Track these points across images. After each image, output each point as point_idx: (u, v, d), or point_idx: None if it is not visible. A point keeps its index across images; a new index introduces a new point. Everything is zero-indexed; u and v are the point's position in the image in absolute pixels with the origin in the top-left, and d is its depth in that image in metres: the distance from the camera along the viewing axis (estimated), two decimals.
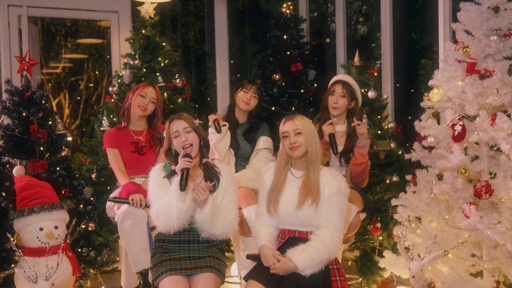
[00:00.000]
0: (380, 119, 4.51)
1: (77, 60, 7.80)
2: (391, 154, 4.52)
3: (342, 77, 4.03)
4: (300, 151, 3.17)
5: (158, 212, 3.04)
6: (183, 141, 3.20)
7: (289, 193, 3.17)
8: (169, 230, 3.06)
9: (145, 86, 3.97)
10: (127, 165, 3.95)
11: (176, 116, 3.27)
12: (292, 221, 3.17)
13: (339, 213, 3.09)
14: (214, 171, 3.26)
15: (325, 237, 3.04)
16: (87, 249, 4.12)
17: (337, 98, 3.94)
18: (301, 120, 3.20)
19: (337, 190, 3.11)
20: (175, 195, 3.02)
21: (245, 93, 4.07)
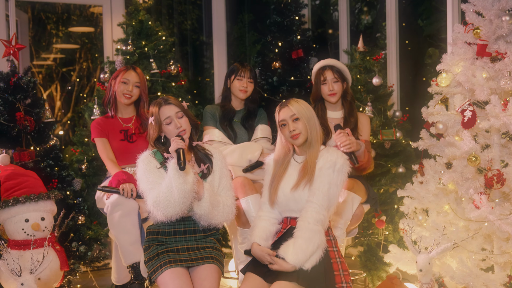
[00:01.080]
0: (385, 107, 4.47)
1: (69, 51, 7.76)
2: (397, 144, 4.46)
3: (326, 62, 3.93)
4: (301, 139, 3.12)
5: (157, 200, 2.97)
6: (177, 127, 3.13)
7: (290, 178, 3.14)
8: (171, 217, 3.00)
9: (125, 71, 3.91)
10: (117, 154, 3.91)
11: (163, 101, 3.18)
12: (292, 206, 3.11)
13: (328, 189, 2.99)
14: (205, 154, 3.22)
15: (308, 217, 2.96)
16: (77, 244, 4.05)
17: (332, 85, 3.86)
18: (296, 105, 3.14)
19: (330, 164, 3.02)
20: (175, 177, 2.94)
21: (239, 80, 4.01)
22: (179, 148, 2.96)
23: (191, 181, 2.96)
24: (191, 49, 7.30)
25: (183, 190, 2.93)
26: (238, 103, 4.12)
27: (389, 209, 4.37)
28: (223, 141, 3.94)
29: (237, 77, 4.01)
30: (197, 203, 3.06)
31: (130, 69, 3.93)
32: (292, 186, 3.07)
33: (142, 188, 3.10)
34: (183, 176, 2.94)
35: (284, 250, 2.96)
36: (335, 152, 3.09)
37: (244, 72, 4.02)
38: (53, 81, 7.77)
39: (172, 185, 2.94)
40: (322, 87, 3.90)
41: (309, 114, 3.14)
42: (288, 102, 3.15)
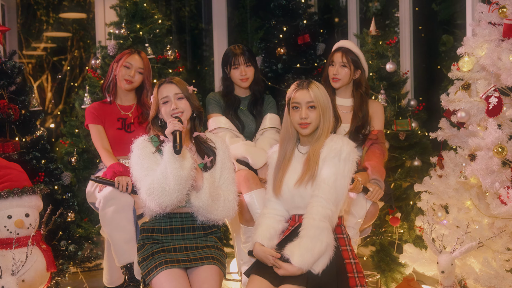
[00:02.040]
0: (399, 96, 4.33)
1: (60, 39, 7.73)
2: (412, 135, 4.34)
3: (342, 43, 3.79)
4: (309, 130, 2.96)
5: (151, 187, 2.83)
6: (172, 108, 3.01)
7: (294, 172, 2.98)
8: (165, 207, 2.87)
9: (129, 54, 3.79)
10: (112, 144, 3.79)
11: (166, 80, 3.08)
12: (298, 202, 2.96)
13: (334, 181, 2.83)
14: (208, 146, 3.10)
15: (314, 213, 2.81)
16: (66, 242, 3.91)
17: (337, 69, 3.72)
18: (316, 91, 2.95)
19: (336, 153, 2.86)
20: (170, 161, 2.81)
21: (236, 69, 3.84)
22: (176, 130, 2.83)
23: (189, 167, 2.84)
24: (189, 37, 7.30)
25: (179, 176, 2.80)
26: (242, 91, 3.97)
27: (403, 205, 4.26)
28: (231, 128, 3.81)
29: (233, 66, 3.85)
30: (195, 194, 2.93)
31: (134, 53, 3.81)
32: (296, 181, 2.93)
33: (136, 175, 2.96)
34: (179, 161, 2.81)
35: (289, 251, 2.81)
36: (340, 140, 2.92)
37: (238, 58, 3.84)
38: (43, 71, 7.73)
39: (167, 171, 2.81)
40: (329, 69, 3.77)
41: (327, 104, 2.97)
42: (309, 85, 2.97)
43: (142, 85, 3.85)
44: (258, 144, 3.80)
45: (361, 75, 3.78)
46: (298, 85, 2.99)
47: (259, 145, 3.79)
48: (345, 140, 2.93)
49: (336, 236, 2.92)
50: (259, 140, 3.84)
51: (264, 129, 3.87)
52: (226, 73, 3.90)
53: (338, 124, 3.72)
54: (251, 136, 3.91)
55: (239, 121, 3.85)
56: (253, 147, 3.74)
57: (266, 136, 3.83)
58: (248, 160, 3.67)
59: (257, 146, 3.79)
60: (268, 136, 3.83)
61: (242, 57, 3.83)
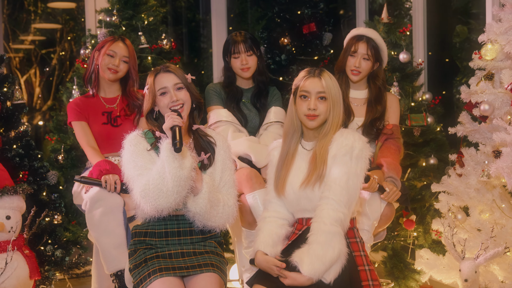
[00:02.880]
0: (413, 88, 4.24)
1: (49, 31, 7.70)
2: (428, 130, 4.24)
3: (365, 31, 3.65)
4: (317, 122, 2.83)
5: (146, 188, 2.71)
6: (172, 100, 2.87)
7: (298, 170, 2.85)
8: (162, 210, 2.75)
9: (112, 41, 3.68)
10: (98, 141, 3.68)
11: (162, 68, 2.93)
12: (305, 205, 2.83)
13: (346, 181, 2.72)
14: (208, 141, 2.98)
15: (324, 217, 2.69)
16: (52, 247, 3.87)
17: (359, 61, 3.60)
18: (329, 80, 2.82)
19: (347, 149, 2.74)
20: (168, 160, 2.69)
21: (236, 58, 3.73)
22: (175, 125, 2.72)
23: (189, 166, 2.73)
24: (186, 28, 7.27)
25: (178, 177, 2.69)
26: (245, 82, 3.86)
27: (418, 207, 4.16)
28: (233, 121, 3.70)
29: (233, 55, 3.73)
30: (192, 198, 2.81)
31: (118, 40, 3.69)
32: (301, 182, 2.80)
33: (128, 175, 2.84)
34: (179, 160, 2.70)
35: (298, 258, 2.67)
36: (351, 135, 2.79)
37: (238, 46, 3.71)
38: (31, 65, 7.71)
39: (165, 170, 2.70)
40: (349, 59, 3.63)
41: (338, 96, 2.84)
42: (321, 73, 2.83)
43: (127, 75, 3.73)
44: (262, 140, 3.70)
45: (379, 67, 3.69)
46: (309, 72, 2.86)
47: (263, 141, 3.68)
48: (356, 135, 2.81)
49: (349, 240, 2.79)
50: (263, 135, 3.74)
51: (268, 124, 3.76)
52: (227, 62, 3.79)
53: (351, 119, 3.62)
54: (255, 131, 3.81)
55: (242, 115, 3.75)
56: (257, 144, 3.63)
57: (271, 131, 3.73)
58: (251, 157, 3.56)
59: (261, 142, 3.69)
60: (272, 131, 3.73)
61: (243, 45, 3.71)
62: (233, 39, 3.73)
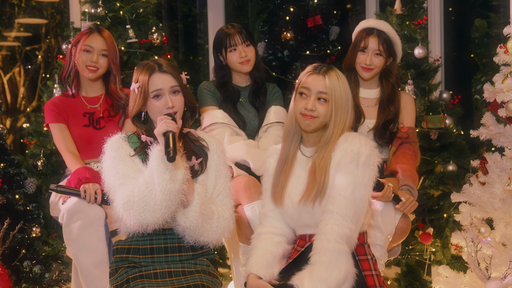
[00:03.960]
0: (430, 87, 4.17)
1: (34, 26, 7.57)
2: (446, 133, 4.13)
3: (376, 23, 3.55)
4: (313, 125, 2.70)
5: (130, 200, 2.61)
6: (168, 107, 2.75)
7: (298, 181, 2.75)
8: (147, 226, 2.65)
9: (87, 34, 3.58)
10: (79, 145, 3.58)
11: (158, 68, 2.80)
12: (307, 220, 2.72)
13: (352, 192, 2.61)
14: (200, 145, 2.86)
15: (328, 233, 2.59)
16: (30, 263, 3.74)
17: (371, 58, 3.50)
18: (334, 81, 2.69)
19: (352, 156, 2.63)
20: (159, 170, 2.57)
21: (234, 52, 3.62)
22: (169, 131, 2.59)
23: (181, 179, 2.62)
24: (181, 24, 7.13)
25: (169, 190, 2.58)
26: (242, 78, 3.75)
27: (435, 218, 4.06)
28: (230, 123, 3.58)
29: (229, 48, 3.62)
30: (182, 210, 2.68)
31: (94, 33, 3.59)
32: (300, 197, 2.69)
33: (109, 184, 2.74)
34: (171, 171, 2.58)
35: (299, 281, 2.56)
36: (357, 139, 2.67)
37: (234, 37, 3.60)
38: (15, 63, 7.57)
39: (153, 181, 2.60)
40: (359, 55, 3.52)
41: (343, 101, 2.71)
42: (328, 71, 2.71)
43: (108, 70, 3.63)
44: (262, 144, 3.58)
45: (392, 62, 3.58)
46: (315, 68, 2.74)
47: (263, 144, 3.56)
48: (363, 139, 2.68)
49: (358, 257, 2.68)
50: (262, 138, 3.63)
51: (268, 125, 3.65)
52: (221, 60, 3.69)
53: (361, 121, 3.52)
54: (254, 133, 3.70)
55: (239, 117, 3.63)
56: (256, 148, 3.51)
57: (271, 133, 3.62)
58: (249, 164, 3.45)
59: (260, 146, 3.58)
60: (273, 133, 3.61)
61: (239, 36, 3.60)
62: (225, 32, 3.63)
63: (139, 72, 2.80)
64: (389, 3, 4.59)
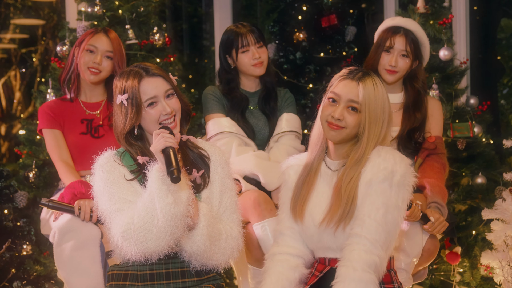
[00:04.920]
0: (456, 92, 4.05)
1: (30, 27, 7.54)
2: (474, 143, 4.02)
3: (403, 22, 3.44)
4: (339, 136, 2.56)
5: (129, 228, 2.48)
6: (166, 112, 2.61)
7: (321, 197, 2.62)
8: (150, 255, 2.52)
9: (92, 34, 3.51)
10: (74, 154, 3.50)
11: (145, 71, 2.65)
12: (329, 242, 2.58)
13: (384, 215, 2.48)
14: (200, 155, 2.71)
15: (354, 260, 2.45)
16: (20, 283, 3.75)
17: (396, 59, 3.38)
18: (369, 89, 2.55)
19: (385, 175, 2.49)
20: (160, 194, 2.44)
21: (246, 53, 3.51)
22: (169, 147, 2.44)
23: (185, 200, 2.48)
24: (186, 25, 7.05)
25: (173, 215, 2.44)
26: (252, 83, 3.64)
27: (463, 236, 3.94)
28: (238, 133, 3.47)
29: (241, 49, 3.50)
30: (187, 234, 2.53)
31: (100, 33, 3.51)
32: (322, 219, 2.54)
33: (104, 209, 2.60)
34: (174, 193, 2.45)
35: None
36: (391, 155, 2.53)
37: (246, 37, 3.49)
38: (11, 66, 7.55)
39: (154, 206, 2.46)
40: (383, 56, 3.40)
41: (378, 114, 2.56)
42: (364, 78, 2.56)
43: (112, 74, 3.53)
44: (273, 155, 3.46)
45: (418, 66, 3.47)
46: (349, 72, 2.59)
47: (274, 156, 3.45)
48: (397, 156, 2.53)
49: (384, 286, 2.54)
50: (273, 149, 3.51)
51: (280, 134, 3.54)
52: (229, 63, 3.57)
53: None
54: (264, 143, 3.59)
55: (248, 126, 3.52)
56: (266, 161, 3.39)
57: (283, 143, 3.51)
58: (259, 178, 3.33)
59: (271, 157, 3.46)
60: (285, 143, 3.50)
61: (251, 36, 3.48)
62: (236, 31, 3.51)
63: (124, 81, 2.62)
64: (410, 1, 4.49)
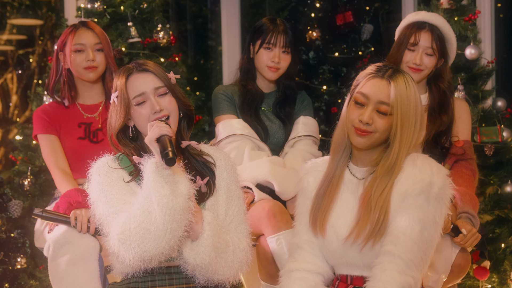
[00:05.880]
0: (483, 94, 3.94)
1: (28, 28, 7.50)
2: (503, 148, 3.90)
3: (428, 16, 3.32)
4: (368, 142, 2.40)
5: (126, 229, 2.36)
6: (155, 111, 2.50)
7: (344, 208, 2.47)
8: (149, 259, 2.39)
9: (73, 32, 3.43)
10: (71, 161, 3.41)
11: (136, 67, 2.58)
12: (354, 259, 2.43)
13: (420, 232, 2.33)
14: (203, 161, 2.60)
15: (387, 282, 2.29)
16: None
17: (421, 56, 3.26)
18: (402, 89, 2.39)
19: (422, 187, 2.34)
20: (156, 186, 2.34)
21: (268, 51, 3.43)
22: (163, 135, 2.38)
23: (185, 193, 2.37)
24: (191, 24, 7.02)
25: (171, 209, 2.32)
26: (265, 83, 3.56)
27: (491, 249, 3.80)
28: (250, 135, 3.36)
29: (265, 44, 3.42)
30: (190, 245, 2.42)
31: (81, 28, 3.44)
32: (347, 234, 2.39)
33: (101, 215, 2.49)
34: (171, 184, 2.35)
35: None
36: (427, 164, 2.39)
37: (277, 36, 3.41)
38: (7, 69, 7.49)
39: (151, 201, 2.35)
40: (406, 54, 3.28)
41: (410, 115, 2.40)
42: (394, 75, 2.40)
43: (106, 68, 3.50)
44: (288, 161, 3.35)
45: (444, 64, 3.35)
46: (378, 70, 2.42)
47: (290, 162, 3.33)
48: (434, 165, 2.39)
49: None
50: (288, 154, 3.40)
51: (296, 138, 3.44)
52: (250, 52, 3.49)
53: None
54: (278, 148, 3.48)
55: (262, 126, 3.42)
56: (281, 168, 3.28)
57: (299, 149, 3.41)
58: (273, 186, 3.21)
59: (286, 164, 3.34)
60: (301, 149, 3.41)
61: (283, 37, 3.41)
62: (270, 26, 3.45)
63: (116, 79, 2.56)
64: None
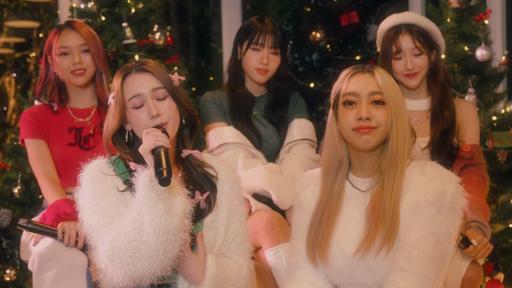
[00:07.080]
0: (495, 97, 3.85)
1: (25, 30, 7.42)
2: None
3: (400, 18, 3.24)
4: (374, 139, 2.32)
5: (115, 246, 2.24)
6: (152, 115, 2.38)
7: (349, 223, 2.40)
8: (140, 279, 2.26)
9: (57, 34, 3.36)
10: (60, 168, 3.36)
11: (135, 66, 2.45)
12: (363, 277, 2.35)
13: (434, 245, 2.27)
14: (204, 173, 2.48)
15: None
16: None
17: (410, 60, 3.18)
18: (385, 77, 2.37)
19: (434, 196, 2.29)
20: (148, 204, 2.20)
21: (255, 52, 3.34)
22: (159, 146, 2.24)
23: (181, 210, 2.24)
24: (192, 26, 7.00)
25: (165, 229, 2.19)
26: (255, 86, 3.47)
27: (504, 261, 3.72)
28: (243, 143, 3.29)
29: (253, 44, 3.33)
30: None
31: (65, 29, 3.36)
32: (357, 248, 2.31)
33: (90, 225, 2.37)
34: (165, 202, 2.21)
35: None
36: (437, 172, 2.33)
37: (265, 36, 3.32)
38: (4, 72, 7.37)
39: (143, 219, 2.22)
40: (395, 64, 3.21)
41: (400, 101, 2.36)
42: (374, 68, 2.38)
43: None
44: (285, 168, 3.28)
45: (437, 56, 3.27)
46: (355, 68, 2.39)
47: (287, 169, 3.26)
48: (445, 173, 2.34)
49: None
50: (285, 160, 3.33)
51: (291, 143, 3.37)
52: (237, 54, 3.40)
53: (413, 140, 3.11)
54: (273, 155, 3.40)
55: (254, 131, 3.35)
56: (278, 175, 3.21)
57: (295, 154, 3.34)
58: (270, 195, 3.14)
59: (283, 171, 3.27)
60: (298, 153, 3.34)
61: (271, 37, 3.31)
62: (258, 24, 3.34)
63: (114, 78, 2.45)
64: None
